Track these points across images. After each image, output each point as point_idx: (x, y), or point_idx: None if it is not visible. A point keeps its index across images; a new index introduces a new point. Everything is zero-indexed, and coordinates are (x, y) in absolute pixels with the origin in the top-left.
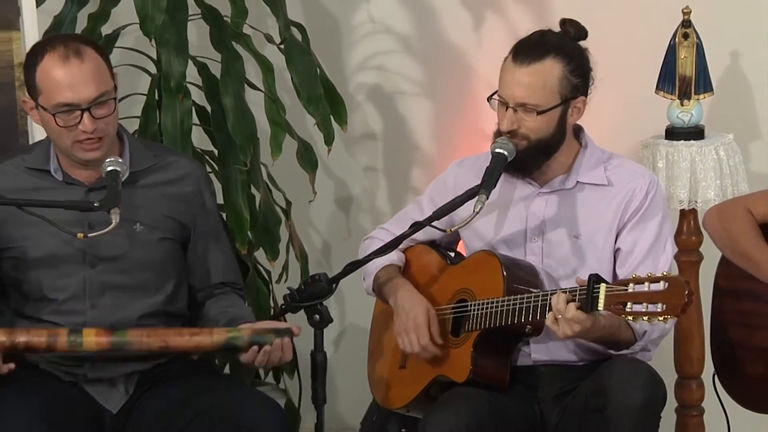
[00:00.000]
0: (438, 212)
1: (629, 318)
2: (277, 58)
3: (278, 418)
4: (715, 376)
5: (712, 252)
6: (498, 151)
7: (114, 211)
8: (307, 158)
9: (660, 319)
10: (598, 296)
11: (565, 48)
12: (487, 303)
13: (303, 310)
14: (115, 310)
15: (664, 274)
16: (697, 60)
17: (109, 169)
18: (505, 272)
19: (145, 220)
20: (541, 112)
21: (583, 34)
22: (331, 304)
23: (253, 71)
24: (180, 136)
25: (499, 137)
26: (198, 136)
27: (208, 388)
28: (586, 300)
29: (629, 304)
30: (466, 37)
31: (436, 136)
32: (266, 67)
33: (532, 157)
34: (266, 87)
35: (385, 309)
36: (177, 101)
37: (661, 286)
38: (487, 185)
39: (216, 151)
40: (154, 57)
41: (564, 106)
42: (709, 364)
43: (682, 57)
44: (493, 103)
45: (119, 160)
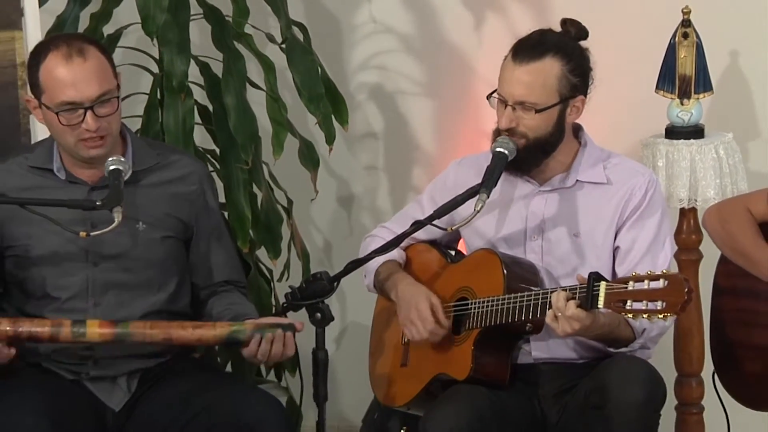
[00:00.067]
0: (439, 211)
1: (629, 316)
2: (278, 58)
3: (280, 416)
4: (715, 374)
5: (712, 250)
6: (499, 150)
7: (116, 209)
8: (309, 157)
9: (660, 316)
10: (598, 294)
11: (565, 47)
12: (488, 301)
13: (304, 309)
14: (118, 308)
15: (664, 272)
16: (696, 59)
17: (112, 168)
18: (505, 270)
19: (148, 218)
20: (539, 111)
21: (584, 33)
22: (332, 302)
23: (254, 70)
24: (182, 135)
25: (499, 136)
26: (200, 135)
27: (210, 385)
28: (586, 298)
29: (629, 302)
30: (467, 36)
31: (437, 135)
32: (268, 66)
33: (531, 155)
34: (268, 86)
35: (387, 307)
36: (179, 100)
37: (661, 283)
38: (487, 184)
39: (218, 150)
40: (156, 56)
41: (563, 105)
42: (709, 362)
43: (682, 56)
44: (492, 101)
45: (122, 159)
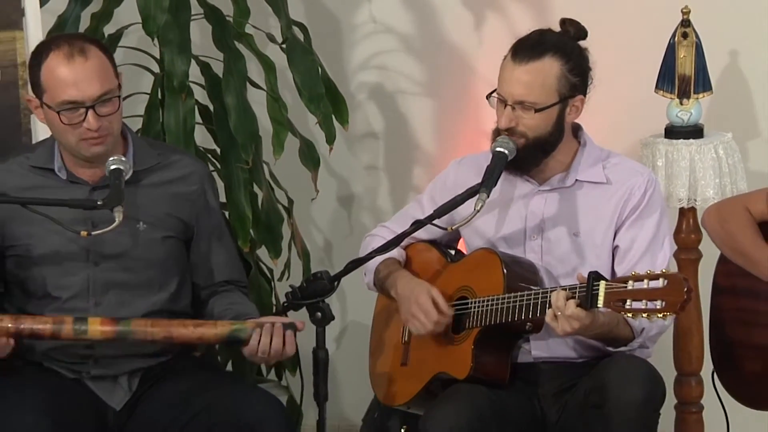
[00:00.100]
0: (439, 210)
1: (628, 315)
2: (279, 58)
3: (280, 415)
4: (714, 373)
5: (711, 250)
6: (498, 149)
7: (117, 209)
8: (309, 157)
9: (659, 316)
10: (598, 293)
11: (564, 47)
12: (488, 300)
13: (305, 308)
14: (119, 308)
15: (663, 271)
16: (696, 59)
17: (113, 167)
18: (505, 270)
19: (149, 218)
20: (538, 110)
21: (583, 33)
22: (332, 301)
23: (255, 70)
24: (183, 134)
25: (499, 136)
26: (200, 135)
27: (211, 385)
28: (585, 297)
29: (629, 302)
30: (467, 36)
31: (437, 134)
32: (268, 66)
33: (531, 154)
34: (268, 86)
35: (387, 306)
36: (180, 100)
37: (660, 283)
38: (487, 184)
39: (218, 150)
40: (157, 56)
41: (562, 105)
42: (708, 361)
43: (682, 56)
44: (492, 101)
45: (123, 159)
